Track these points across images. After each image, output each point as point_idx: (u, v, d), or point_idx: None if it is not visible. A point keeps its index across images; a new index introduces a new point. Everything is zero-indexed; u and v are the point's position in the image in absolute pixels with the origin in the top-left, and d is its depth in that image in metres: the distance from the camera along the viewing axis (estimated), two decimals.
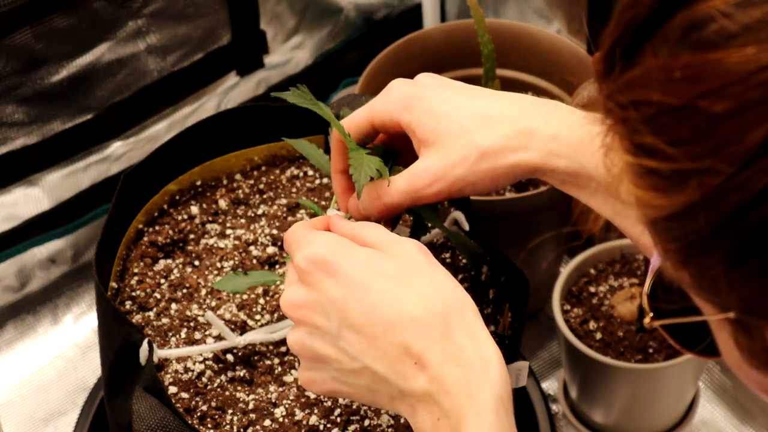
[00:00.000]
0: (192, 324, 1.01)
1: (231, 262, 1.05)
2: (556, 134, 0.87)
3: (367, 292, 0.81)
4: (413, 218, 0.99)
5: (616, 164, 0.56)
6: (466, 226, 1.03)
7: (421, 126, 0.89)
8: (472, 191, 0.88)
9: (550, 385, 1.43)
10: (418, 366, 0.79)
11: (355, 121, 0.92)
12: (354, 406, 0.96)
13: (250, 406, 0.96)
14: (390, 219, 0.95)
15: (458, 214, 1.03)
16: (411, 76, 1.48)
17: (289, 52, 1.55)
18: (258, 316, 1.01)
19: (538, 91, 1.49)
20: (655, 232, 0.56)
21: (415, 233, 0.98)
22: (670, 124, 0.53)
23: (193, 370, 0.97)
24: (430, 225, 0.99)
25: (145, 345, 0.93)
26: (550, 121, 0.87)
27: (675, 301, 0.66)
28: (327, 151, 1.00)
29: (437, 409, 0.79)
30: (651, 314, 0.68)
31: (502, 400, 0.79)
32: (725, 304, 0.55)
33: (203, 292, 1.03)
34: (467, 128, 0.87)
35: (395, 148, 0.95)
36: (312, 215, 1.08)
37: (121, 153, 1.45)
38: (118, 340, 0.94)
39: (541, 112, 0.88)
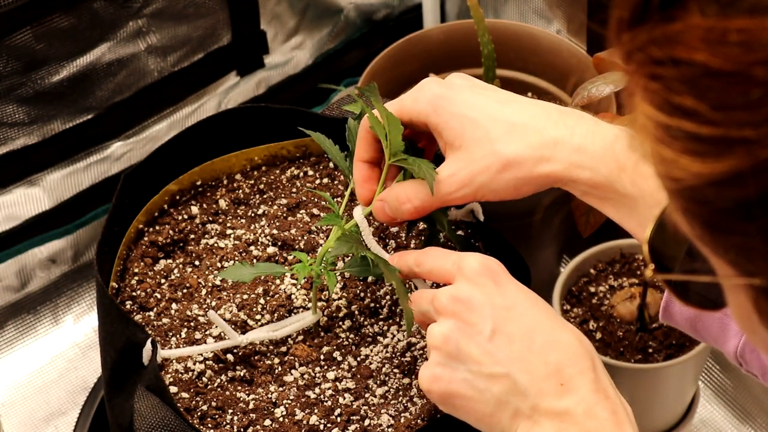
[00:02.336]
0: (192, 324, 1.01)
1: (231, 262, 1.05)
2: (581, 145, 0.87)
3: (530, 312, 0.84)
4: (427, 226, 0.99)
5: (638, 118, 0.54)
6: (482, 218, 1.04)
7: (448, 129, 0.89)
8: (494, 198, 0.89)
9: None
10: (564, 387, 0.81)
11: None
12: (354, 406, 0.96)
13: (251, 405, 0.96)
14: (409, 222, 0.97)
15: (475, 205, 1.04)
16: (411, 76, 1.48)
17: (290, 52, 1.55)
18: (258, 316, 1.01)
19: (538, 91, 1.49)
20: (684, 198, 0.54)
21: (429, 242, 0.99)
22: (717, 88, 0.50)
23: (193, 370, 0.97)
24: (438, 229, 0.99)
25: (148, 345, 0.93)
26: (575, 132, 0.87)
27: (678, 255, 0.65)
28: (342, 150, 1.00)
29: (574, 429, 0.80)
30: (652, 266, 0.67)
31: None
32: (753, 270, 0.53)
33: (203, 291, 1.03)
34: (492, 136, 0.88)
35: (417, 145, 0.96)
36: (318, 213, 1.08)
37: (122, 153, 1.45)
38: (121, 339, 0.94)
39: (566, 123, 0.88)
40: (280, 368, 0.98)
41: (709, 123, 0.51)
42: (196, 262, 1.06)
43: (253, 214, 1.09)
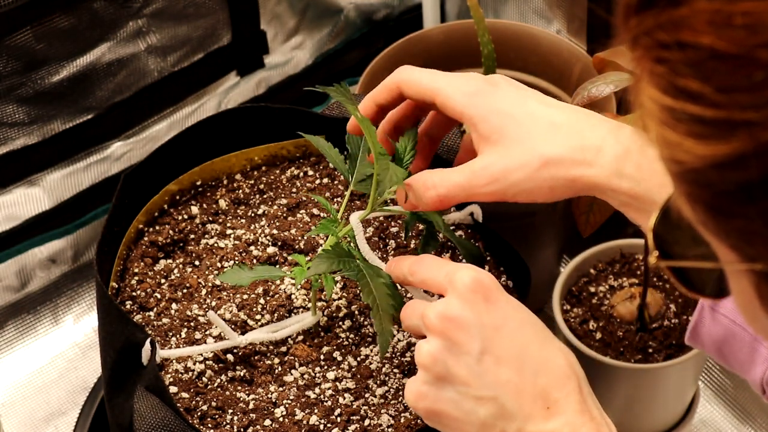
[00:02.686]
0: (192, 324, 1.01)
1: (231, 262, 1.05)
2: (623, 154, 0.85)
3: (520, 332, 0.83)
4: (426, 227, 0.99)
5: (644, 103, 0.54)
6: (480, 219, 1.04)
7: (486, 123, 0.88)
8: (526, 198, 0.88)
9: None
10: (551, 410, 0.81)
11: (414, 86, 0.92)
12: (354, 406, 0.96)
13: (251, 405, 0.96)
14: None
15: (475, 208, 1.04)
16: None
17: (290, 52, 1.55)
18: (258, 316, 1.01)
19: (538, 91, 1.49)
20: (687, 181, 0.54)
21: (427, 242, 0.99)
22: (721, 71, 0.51)
23: (193, 370, 0.97)
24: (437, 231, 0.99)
25: (147, 345, 0.93)
26: (618, 140, 0.86)
27: (682, 242, 0.65)
28: (342, 151, 1.00)
29: None
30: (656, 253, 0.67)
31: None
32: (755, 255, 0.53)
33: (203, 292, 1.03)
34: (533, 134, 0.87)
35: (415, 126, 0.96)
36: (318, 213, 1.08)
37: (122, 153, 1.45)
38: (121, 339, 0.94)
39: (610, 129, 0.87)
40: (280, 368, 0.98)
41: (713, 105, 0.51)
42: (196, 262, 1.06)
43: (253, 214, 1.09)
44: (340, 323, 1.01)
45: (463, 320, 0.83)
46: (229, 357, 0.98)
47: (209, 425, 0.94)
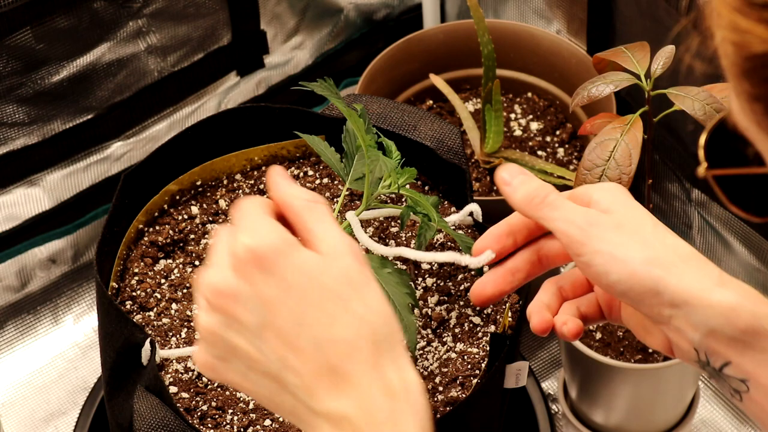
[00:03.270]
0: (192, 324, 1.01)
1: None
2: (719, 279, 0.80)
3: (302, 302, 0.75)
4: (421, 219, 0.99)
5: None
6: (480, 219, 1.04)
7: (589, 257, 0.81)
8: (604, 264, 0.81)
9: (550, 385, 1.43)
10: (338, 388, 0.74)
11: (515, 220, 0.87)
12: None
13: (250, 405, 0.96)
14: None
15: (475, 207, 1.04)
16: (411, 76, 1.48)
17: (290, 52, 1.55)
18: None
19: (538, 91, 1.49)
20: (750, 74, 0.54)
21: (422, 233, 0.98)
22: None
23: (193, 370, 0.97)
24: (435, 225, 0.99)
25: (147, 345, 0.93)
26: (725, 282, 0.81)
27: (731, 157, 0.65)
28: (338, 150, 1.00)
29: (351, 430, 0.74)
30: (705, 165, 0.67)
31: (424, 430, 0.75)
32: None
33: None
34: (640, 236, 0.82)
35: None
36: None
37: (122, 153, 1.45)
38: (120, 339, 0.94)
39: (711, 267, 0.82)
40: None
41: None
42: (196, 262, 1.06)
43: None
44: None
45: (238, 294, 0.75)
46: None
47: (209, 425, 0.94)
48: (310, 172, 1.12)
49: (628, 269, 0.79)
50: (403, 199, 1.07)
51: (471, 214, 1.04)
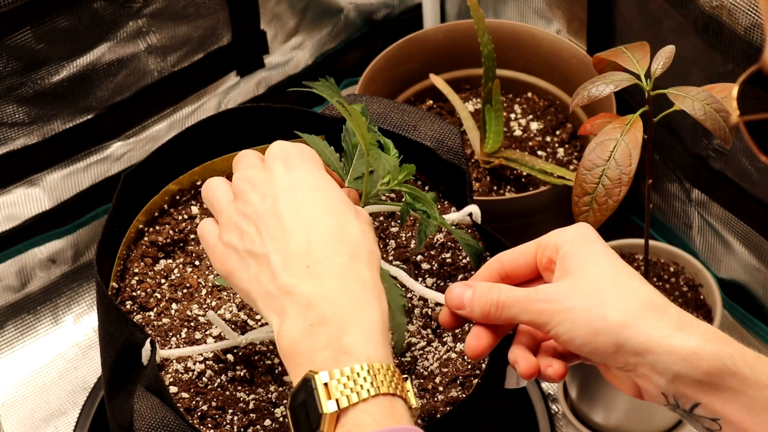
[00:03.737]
0: (192, 324, 1.01)
1: None
2: (687, 322, 0.83)
3: (306, 198, 0.84)
4: (421, 216, 0.99)
5: None
6: (479, 220, 1.03)
7: (569, 260, 0.86)
8: (566, 334, 0.84)
9: (550, 385, 1.43)
10: (310, 270, 0.81)
11: (525, 245, 0.91)
12: None
13: (251, 405, 0.96)
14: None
15: (474, 208, 1.04)
16: (411, 76, 1.48)
17: (290, 52, 1.55)
18: (258, 316, 1.01)
19: (538, 91, 1.49)
20: None
21: (422, 230, 0.98)
22: None
23: (193, 370, 0.98)
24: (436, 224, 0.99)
25: (147, 345, 0.93)
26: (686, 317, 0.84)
27: (763, 105, 0.66)
28: (338, 150, 1.00)
29: (313, 315, 0.80)
30: (738, 112, 0.67)
31: (385, 325, 0.81)
32: None
33: (203, 292, 1.03)
34: (603, 283, 0.85)
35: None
36: None
37: (122, 153, 1.45)
38: (120, 339, 0.94)
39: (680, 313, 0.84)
40: (280, 368, 0.98)
41: None
42: (196, 262, 1.06)
43: None
44: None
45: (257, 181, 0.86)
46: (229, 357, 0.98)
47: (209, 425, 0.95)
48: None
49: (589, 331, 0.83)
50: (403, 198, 1.07)
51: (470, 215, 1.04)
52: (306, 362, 0.80)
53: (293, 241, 0.82)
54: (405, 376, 0.82)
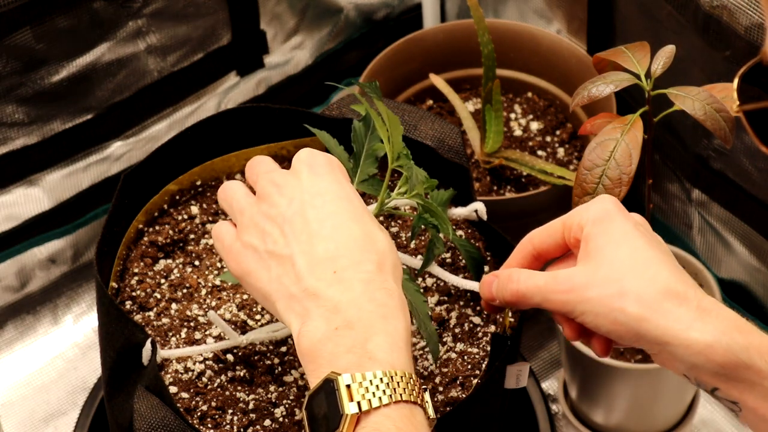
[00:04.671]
0: (192, 324, 1.01)
1: None
2: (707, 308, 0.83)
3: (335, 205, 0.85)
4: (432, 231, 0.98)
5: None
6: (485, 217, 1.04)
7: (595, 242, 0.86)
8: (591, 323, 0.85)
9: (550, 385, 1.43)
10: (336, 276, 0.82)
11: (546, 236, 0.91)
12: None
13: (250, 406, 0.96)
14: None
15: (479, 205, 1.04)
16: (411, 76, 1.48)
17: (289, 52, 1.55)
18: (258, 316, 1.01)
19: (538, 91, 1.49)
20: None
21: (432, 246, 0.98)
22: None
23: (193, 370, 0.97)
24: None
25: (148, 345, 0.93)
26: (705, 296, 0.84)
27: (763, 96, 0.66)
28: (348, 150, 1.00)
29: (339, 319, 0.81)
30: (738, 103, 0.67)
31: (409, 336, 0.82)
32: None
33: (203, 292, 1.03)
34: (625, 264, 0.85)
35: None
36: None
37: (121, 153, 1.45)
38: (121, 339, 0.94)
39: (697, 288, 0.85)
40: (280, 368, 0.98)
41: None
42: (196, 262, 1.06)
43: None
44: None
45: (284, 185, 0.87)
46: (229, 357, 0.98)
47: (209, 425, 0.95)
48: None
49: (610, 321, 0.84)
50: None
51: (476, 211, 1.04)
52: (328, 364, 0.80)
53: (320, 245, 0.83)
54: (425, 387, 0.83)
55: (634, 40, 1.13)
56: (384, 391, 0.78)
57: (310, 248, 0.83)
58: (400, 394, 0.79)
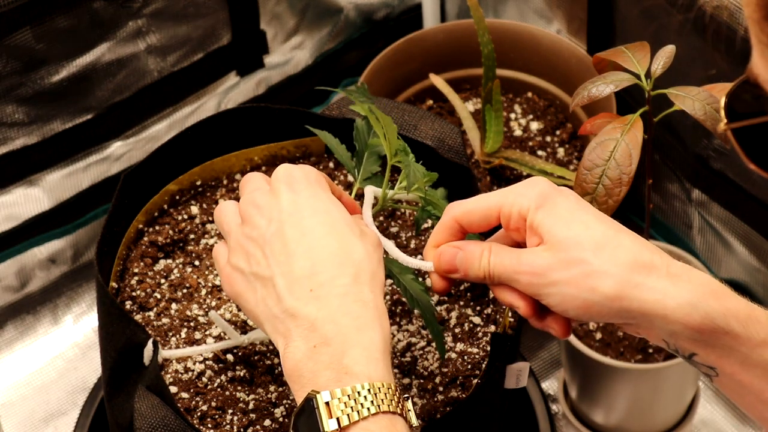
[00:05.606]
0: (192, 324, 1.01)
1: None
2: (677, 274, 0.82)
3: (311, 221, 0.85)
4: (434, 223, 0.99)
5: None
6: None
7: (546, 227, 0.84)
8: (558, 305, 0.84)
9: (550, 385, 1.43)
10: (313, 293, 0.82)
11: (474, 213, 0.89)
12: None
13: (250, 405, 0.96)
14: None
15: None
16: (411, 76, 1.48)
17: (289, 52, 1.55)
18: None
19: (539, 91, 1.49)
20: None
21: None
22: None
23: (193, 370, 0.97)
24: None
25: (149, 345, 0.93)
26: (672, 262, 0.83)
27: (750, 112, 0.66)
28: (351, 149, 1.00)
29: (316, 337, 0.81)
30: (725, 121, 0.68)
31: (387, 345, 0.82)
32: None
33: (203, 292, 1.03)
34: (585, 246, 0.83)
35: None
36: None
37: (121, 153, 1.45)
38: (122, 339, 0.94)
39: (663, 254, 0.84)
40: (279, 368, 0.98)
41: None
42: (196, 262, 1.06)
43: None
44: None
45: (264, 206, 0.87)
46: (229, 357, 0.98)
47: (209, 425, 0.94)
48: None
49: (580, 303, 0.83)
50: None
51: None
52: (309, 383, 0.81)
53: (297, 264, 0.84)
54: (406, 395, 0.83)
55: (634, 40, 1.13)
56: (362, 404, 0.79)
57: (289, 268, 0.84)
58: (378, 406, 0.79)
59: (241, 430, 0.94)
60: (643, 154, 1.06)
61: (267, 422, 0.95)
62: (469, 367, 0.98)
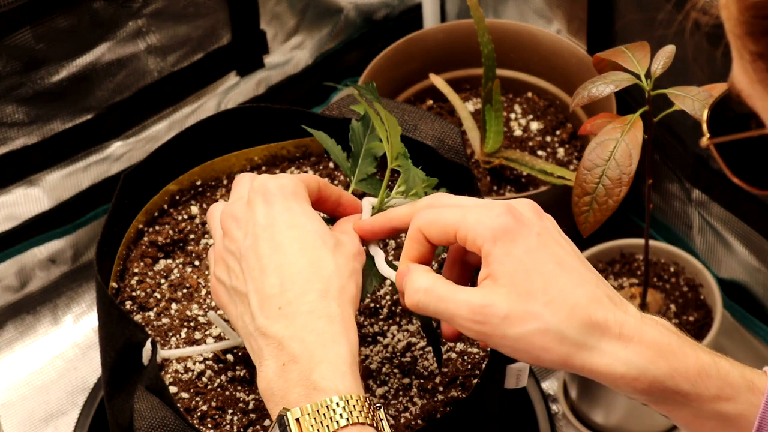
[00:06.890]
0: (192, 324, 1.01)
1: None
2: (630, 336, 0.81)
3: (284, 233, 0.85)
4: None
5: None
6: None
7: (499, 264, 0.81)
8: (510, 354, 0.82)
9: (550, 385, 1.43)
10: (281, 311, 0.83)
11: (435, 227, 0.85)
12: None
13: (250, 405, 0.96)
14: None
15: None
16: (411, 76, 1.48)
17: (289, 52, 1.55)
18: None
19: (538, 91, 1.49)
20: (756, 26, 0.56)
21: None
22: None
23: (193, 370, 0.98)
24: None
25: (148, 345, 0.93)
26: (627, 320, 0.81)
27: (732, 127, 0.66)
28: (346, 149, 1.00)
29: (285, 355, 0.82)
30: (707, 135, 0.68)
31: (355, 357, 0.83)
32: None
33: (203, 292, 1.03)
34: (538, 296, 0.81)
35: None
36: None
37: (121, 153, 1.45)
38: (121, 339, 0.94)
39: (621, 306, 0.82)
40: None
41: None
42: (196, 262, 1.06)
43: None
44: None
45: (241, 218, 0.87)
46: (229, 357, 0.98)
47: (209, 425, 0.95)
48: (310, 173, 1.12)
49: (532, 357, 0.82)
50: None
51: None
52: (281, 400, 0.82)
53: (268, 282, 0.84)
54: (378, 404, 0.83)
55: (634, 40, 1.13)
56: (331, 418, 0.80)
57: (261, 285, 0.84)
58: (347, 418, 0.80)
59: (241, 430, 0.95)
60: (643, 154, 1.07)
61: (267, 422, 0.95)
62: (469, 367, 0.98)
